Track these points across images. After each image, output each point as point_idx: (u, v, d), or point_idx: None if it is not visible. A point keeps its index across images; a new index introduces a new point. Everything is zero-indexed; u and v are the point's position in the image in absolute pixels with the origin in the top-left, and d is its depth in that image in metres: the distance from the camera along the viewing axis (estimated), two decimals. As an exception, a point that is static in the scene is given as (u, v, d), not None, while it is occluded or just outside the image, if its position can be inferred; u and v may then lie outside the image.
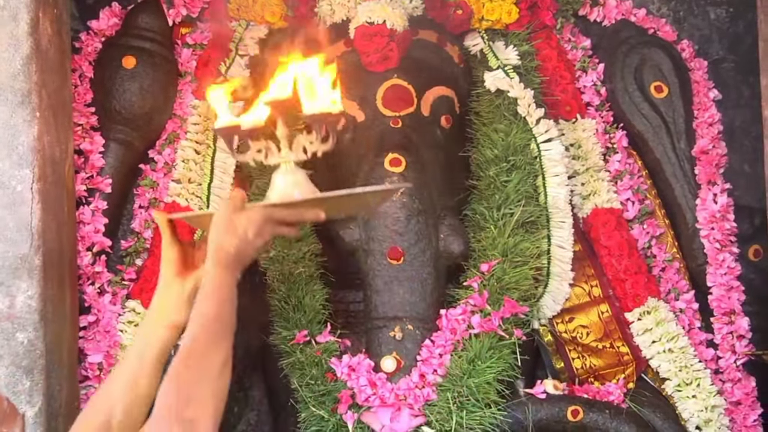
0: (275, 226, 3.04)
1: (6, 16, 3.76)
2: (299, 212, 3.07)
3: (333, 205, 3.16)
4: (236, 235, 2.95)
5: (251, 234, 2.96)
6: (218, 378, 2.81)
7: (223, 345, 2.86)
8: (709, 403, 4.44)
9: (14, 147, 3.75)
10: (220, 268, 2.92)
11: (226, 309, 2.91)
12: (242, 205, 2.99)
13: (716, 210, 4.59)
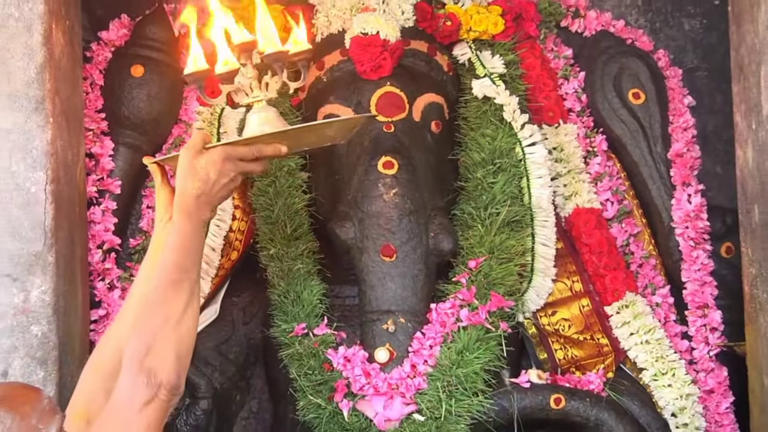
0: (237, 163, 2.98)
1: (21, 27, 3.75)
2: (259, 148, 3.01)
3: (293, 138, 3.11)
4: (198, 177, 2.90)
5: (213, 174, 2.91)
6: (178, 325, 2.77)
7: (184, 293, 2.81)
8: (684, 392, 4.43)
9: (29, 151, 3.74)
10: (183, 214, 2.88)
11: (188, 256, 2.86)
12: (202, 147, 2.92)
13: (690, 210, 4.59)
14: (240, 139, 3.00)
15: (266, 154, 3.04)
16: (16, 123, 3.75)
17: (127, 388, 2.73)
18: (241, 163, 2.98)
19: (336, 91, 4.52)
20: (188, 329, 2.76)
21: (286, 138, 3.06)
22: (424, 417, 4.19)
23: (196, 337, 2.86)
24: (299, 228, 4.48)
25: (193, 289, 2.81)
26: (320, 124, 3.25)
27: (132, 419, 2.69)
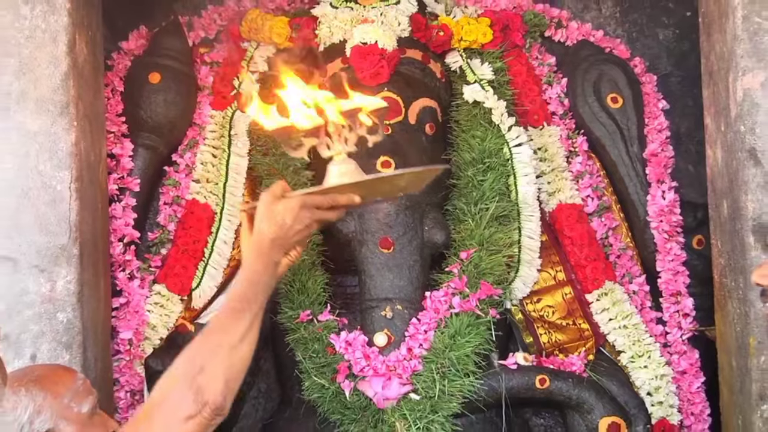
0: (314, 212, 2.90)
1: (47, 38, 3.75)
2: (334, 197, 2.93)
3: (368, 189, 3.05)
4: (275, 222, 2.85)
5: (289, 220, 2.85)
6: (233, 351, 2.74)
7: (243, 322, 2.77)
8: (659, 373, 4.44)
9: (55, 152, 3.74)
10: (256, 253, 2.85)
11: (253, 290, 2.82)
12: (281, 194, 2.87)
13: (664, 205, 4.59)
14: (317, 189, 2.94)
15: (341, 204, 2.96)
16: (42, 126, 3.75)
17: (175, 399, 2.71)
18: (317, 211, 2.92)
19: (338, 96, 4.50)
20: (242, 358, 2.75)
21: (362, 188, 3.01)
22: (420, 396, 4.20)
23: None
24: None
25: (253, 322, 2.78)
26: (395, 176, 3.21)
27: (173, 430, 2.70)
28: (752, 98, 3.75)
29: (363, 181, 2.96)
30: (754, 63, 3.75)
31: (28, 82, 3.75)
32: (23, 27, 3.76)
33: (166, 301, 4.37)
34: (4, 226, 3.72)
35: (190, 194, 4.51)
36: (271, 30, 4.66)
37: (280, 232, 2.81)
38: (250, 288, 2.82)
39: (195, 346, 2.75)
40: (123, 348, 4.23)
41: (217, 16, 4.78)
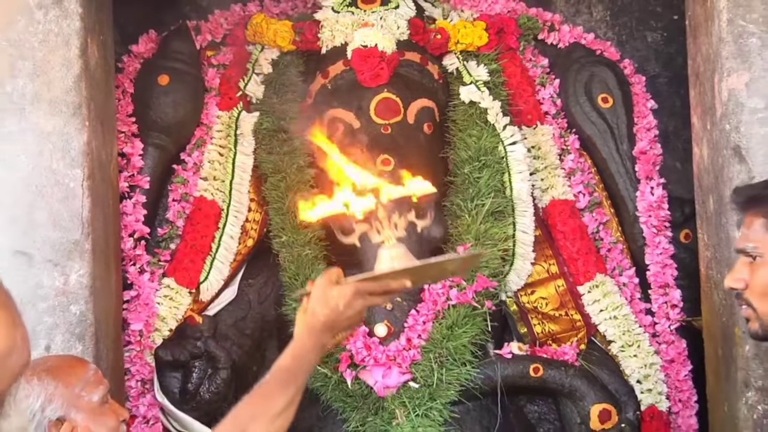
0: (366, 298, 2.90)
1: (60, 41, 3.75)
2: (386, 283, 2.93)
3: (418, 273, 3.05)
4: (328, 306, 2.84)
5: (342, 306, 2.84)
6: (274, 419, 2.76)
7: (287, 394, 2.78)
8: (648, 361, 4.45)
9: (68, 151, 3.74)
10: (308, 331, 2.85)
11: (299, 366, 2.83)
12: (336, 280, 2.88)
13: (653, 201, 4.59)
14: (370, 276, 2.94)
15: (392, 289, 2.98)
16: (56, 126, 3.75)
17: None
18: (370, 297, 2.91)
19: (339, 97, 4.53)
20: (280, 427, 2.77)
21: (413, 273, 2.99)
22: (419, 384, 4.23)
23: None
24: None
25: (294, 396, 2.79)
26: (444, 261, 3.21)
27: None
28: (737, 98, 3.76)
29: (414, 267, 2.97)
30: (739, 64, 3.76)
31: (42, 85, 3.76)
32: (37, 31, 3.76)
33: (175, 293, 4.38)
34: (19, 223, 3.72)
35: (197, 191, 4.51)
36: (275, 33, 4.66)
37: (332, 316, 2.82)
38: (296, 363, 2.84)
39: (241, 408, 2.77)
40: (134, 339, 4.24)
41: (224, 20, 4.78)
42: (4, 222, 3.72)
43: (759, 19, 3.76)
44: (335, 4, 4.64)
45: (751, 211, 2.77)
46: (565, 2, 5.07)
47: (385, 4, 4.61)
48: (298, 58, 4.70)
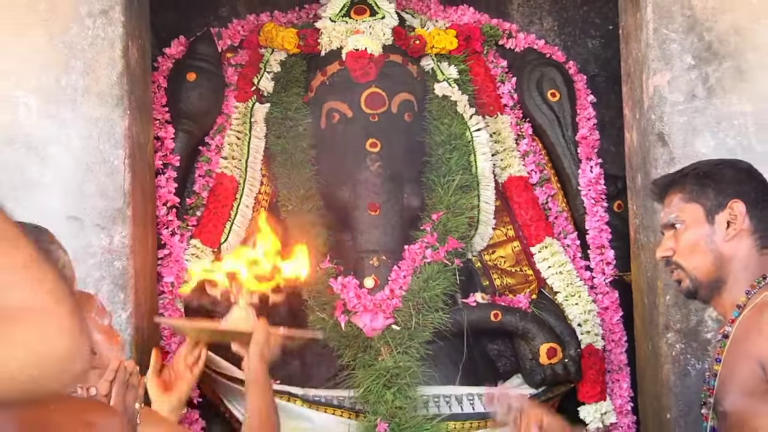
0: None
1: (106, 44, 3.75)
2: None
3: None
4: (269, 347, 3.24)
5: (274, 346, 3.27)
6: None
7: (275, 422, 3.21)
8: (587, 308, 4.44)
9: (112, 134, 3.75)
10: (262, 363, 3.19)
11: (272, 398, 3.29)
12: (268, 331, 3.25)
13: (592, 177, 4.59)
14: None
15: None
16: (102, 114, 3.75)
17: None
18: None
19: (335, 91, 4.52)
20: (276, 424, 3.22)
21: None
22: (400, 327, 4.22)
23: None
24: (309, 190, 4.49)
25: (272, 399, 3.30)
26: None
27: None
28: (660, 93, 3.76)
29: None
30: (662, 65, 3.76)
31: (91, 80, 3.75)
32: (87, 36, 3.75)
33: (201, 252, 4.36)
34: (72, 193, 3.73)
35: (219, 168, 4.50)
36: (283, 39, 4.65)
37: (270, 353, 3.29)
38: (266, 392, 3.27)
39: None
40: (166, 289, 4.23)
41: (240, 27, 4.77)
42: (60, 192, 3.73)
43: (679, 29, 3.76)
44: (332, 15, 4.62)
45: (669, 192, 2.80)
46: (520, 14, 5.06)
47: (373, 15, 4.60)
48: (301, 59, 4.69)
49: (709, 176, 2.75)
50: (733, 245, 2.69)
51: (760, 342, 2.53)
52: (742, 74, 3.74)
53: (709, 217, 2.71)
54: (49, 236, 2.34)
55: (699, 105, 3.74)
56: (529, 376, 4.37)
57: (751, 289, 2.65)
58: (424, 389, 4.25)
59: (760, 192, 2.74)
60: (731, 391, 2.60)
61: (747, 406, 2.57)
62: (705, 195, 2.72)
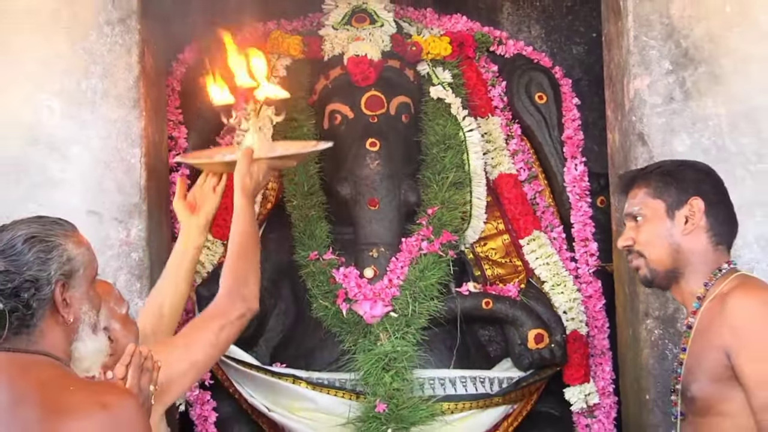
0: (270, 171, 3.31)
1: (123, 50, 3.76)
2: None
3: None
4: (252, 177, 3.17)
5: (260, 176, 3.21)
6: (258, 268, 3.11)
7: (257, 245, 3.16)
8: (572, 297, 4.45)
9: (129, 134, 3.75)
10: (245, 197, 3.15)
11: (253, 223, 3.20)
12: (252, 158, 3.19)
13: (577, 175, 4.59)
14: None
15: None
16: (120, 115, 3.75)
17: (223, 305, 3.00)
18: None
19: (337, 94, 4.52)
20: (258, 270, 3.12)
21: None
22: (397, 314, 4.23)
23: None
24: (313, 187, 4.50)
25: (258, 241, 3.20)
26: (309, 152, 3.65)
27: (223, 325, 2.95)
28: (640, 96, 3.77)
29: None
30: (642, 70, 3.77)
31: (110, 84, 3.76)
32: (106, 42, 3.76)
33: (212, 244, 4.37)
34: (92, 189, 3.73)
35: (228, 166, 4.50)
36: (288, 46, 4.65)
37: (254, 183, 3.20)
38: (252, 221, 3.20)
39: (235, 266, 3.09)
40: (180, 279, 4.23)
41: (249, 35, 4.73)
42: (81, 188, 3.73)
43: (657, 36, 3.77)
44: (335, 23, 4.63)
45: (634, 186, 2.85)
46: (509, 22, 5.07)
47: (373, 24, 4.61)
48: (306, 65, 4.68)
49: (672, 175, 2.80)
50: (690, 239, 2.74)
51: (724, 332, 2.56)
52: (716, 78, 3.75)
53: (670, 212, 2.76)
54: (71, 230, 2.34)
55: (676, 107, 3.75)
56: (518, 360, 4.37)
57: (708, 281, 2.71)
58: (420, 372, 4.25)
59: (717, 193, 2.80)
60: (698, 378, 2.63)
61: (713, 391, 2.60)
62: (668, 192, 2.77)
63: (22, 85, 3.76)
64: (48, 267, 2.24)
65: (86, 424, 2.10)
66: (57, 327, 2.26)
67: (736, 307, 2.56)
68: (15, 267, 2.21)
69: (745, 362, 2.52)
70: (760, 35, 3.74)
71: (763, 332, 2.52)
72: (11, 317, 2.21)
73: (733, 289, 2.62)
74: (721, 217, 2.76)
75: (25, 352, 2.22)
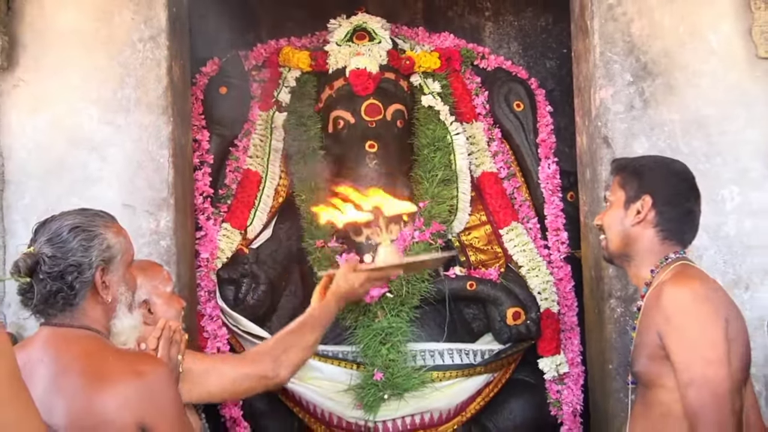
0: (371, 282, 3.12)
1: (153, 64, 3.76)
2: (386, 272, 3.13)
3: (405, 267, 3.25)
4: (348, 283, 3.04)
5: (357, 285, 3.05)
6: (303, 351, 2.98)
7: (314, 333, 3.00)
8: (545, 279, 4.46)
9: (158, 137, 3.76)
10: (332, 295, 3.04)
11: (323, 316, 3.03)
12: (355, 268, 3.07)
13: (549, 173, 4.61)
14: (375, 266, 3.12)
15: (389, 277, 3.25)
16: (151, 121, 3.76)
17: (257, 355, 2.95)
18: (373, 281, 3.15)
19: (341, 102, 4.54)
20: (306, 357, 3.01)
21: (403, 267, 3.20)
22: (393, 295, 4.25)
23: None
24: (319, 183, 4.50)
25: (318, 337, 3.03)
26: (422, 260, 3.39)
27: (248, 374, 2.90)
28: (605, 104, 3.78)
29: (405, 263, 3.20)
30: (606, 82, 3.78)
31: (142, 93, 3.76)
32: (138, 57, 3.77)
33: (230, 233, 4.38)
34: (126, 186, 3.74)
35: (245, 165, 4.51)
36: (298, 60, 4.67)
37: (351, 291, 3.04)
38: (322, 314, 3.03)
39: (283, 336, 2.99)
40: (203, 263, 4.24)
41: (263, 50, 4.77)
42: (117, 185, 3.74)
43: (620, 52, 3.77)
44: (338, 40, 4.64)
45: (615, 174, 2.86)
46: (491, 40, 5.10)
47: (371, 41, 4.62)
48: (313, 76, 4.70)
49: (639, 171, 2.81)
50: (638, 230, 2.76)
51: (658, 316, 2.59)
52: (671, 89, 3.76)
53: (627, 203, 2.78)
54: (110, 221, 2.37)
55: (636, 114, 3.76)
56: (498, 335, 4.39)
57: (654, 268, 2.73)
58: (413, 345, 4.27)
59: (675, 195, 2.78)
60: (641, 354, 2.66)
61: (651, 367, 2.63)
62: (630, 185, 2.79)
63: (67, 95, 3.76)
64: (90, 253, 2.27)
65: (123, 390, 2.14)
66: (97, 306, 2.29)
67: (669, 296, 2.58)
68: (61, 253, 2.24)
69: (673, 346, 2.55)
70: (708, 52, 3.76)
71: (689, 321, 2.54)
72: (57, 297, 2.24)
73: (670, 279, 2.64)
74: (673, 215, 2.75)
75: (70, 326, 2.25)
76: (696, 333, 2.51)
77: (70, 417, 2.12)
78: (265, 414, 4.38)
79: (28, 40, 3.77)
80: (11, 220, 3.72)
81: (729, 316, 2.56)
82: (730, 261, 3.70)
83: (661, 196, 2.75)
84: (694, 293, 2.57)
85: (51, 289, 2.24)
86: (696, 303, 2.55)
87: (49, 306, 2.25)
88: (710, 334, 2.51)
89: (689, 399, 2.49)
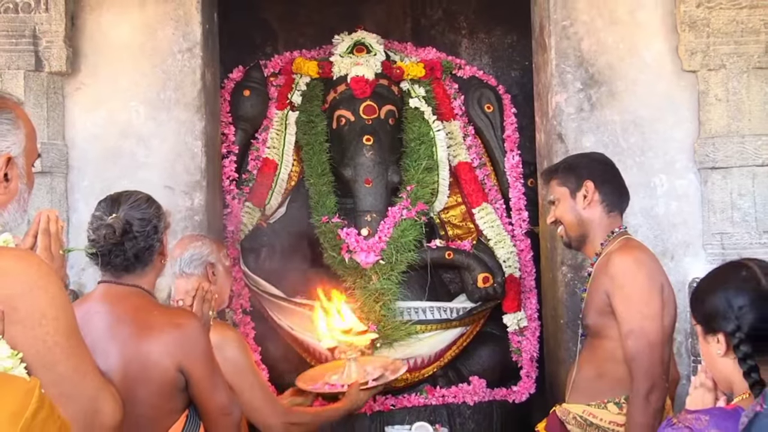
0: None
1: (189, 70, 3.76)
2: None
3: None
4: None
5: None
6: None
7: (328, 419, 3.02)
8: (509, 250, 4.50)
9: (193, 131, 3.77)
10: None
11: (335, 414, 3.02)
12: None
13: (514, 163, 4.63)
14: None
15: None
16: (188, 118, 3.77)
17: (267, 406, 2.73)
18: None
19: (343, 103, 4.53)
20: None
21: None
22: (384, 262, 4.26)
23: None
24: (325, 170, 4.51)
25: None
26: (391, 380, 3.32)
27: None
28: (560, 107, 3.79)
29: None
30: (561, 89, 3.79)
31: (180, 95, 3.77)
32: (176, 64, 3.77)
33: (252, 210, 4.39)
34: (167, 170, 3.75)
35: (264, 154, 4.51)
36: (308, 68, 4.67)
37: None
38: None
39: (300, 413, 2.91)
40: (228, 235, 4.26)
41: (280, 60, 4.76)
42: (159, 170, 3.76)
43: (572, 65, 3.79)
44: (341, 52, 4.64)
45: (550, 180, 2.88)
46: (467, 53, 5.10)
47: (369, 53, 4.61)
48: (320, 82, 4.69)
49: (571, 167, 2.85)
50: (589, 212, 2.78)
51: (605, 280, 2.65)
52: (613, 95, 3.78)
53: (572, 194, 2.80)
54: (158, 207, 2.36)
55: (585, 115, 3.78)
56: (470, 295, 4.43)
57: (604, 241, 2.77)
58: (401, 303, 4.30)
59: (605, 173, 2.82)
60: (591, 310, 2.71)
61: (599, 321, 2.68)
62: (569, 180, 2.81)
63: (119, 96, 3.77)
64: (161, 220, 2.31)
65: (165, 338, 2.18)
66: (158, 265, 2.32)
67: (616, 262, 2.63)
68: (148, 216, 2.27)
69: (617, 303, 2.61)
70: (643, 65, 3.78)
71: (631, 282, 2.59)
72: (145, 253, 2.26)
73: (617, 249, 2.69)
74: (610, 189, 2.79)
75: (123, 284, 2.27)
76: (636, 292, 2.57)
77: (123, 360, 2.16)
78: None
79: (88, 51, 3.78)
80: (74, 198, 3.74)
81: (663, 281, 2.63)
82: (659, 236, 3.74)
83: (598, 178, 2.79)
84: (636, 260, 2.62)
85: (143, 246, 2.24)
86: (637, 268, 2.60)
87: (137, 261, 2.25)
88: (648, 294, 2.57)
89: (628, 346, 2.55)
